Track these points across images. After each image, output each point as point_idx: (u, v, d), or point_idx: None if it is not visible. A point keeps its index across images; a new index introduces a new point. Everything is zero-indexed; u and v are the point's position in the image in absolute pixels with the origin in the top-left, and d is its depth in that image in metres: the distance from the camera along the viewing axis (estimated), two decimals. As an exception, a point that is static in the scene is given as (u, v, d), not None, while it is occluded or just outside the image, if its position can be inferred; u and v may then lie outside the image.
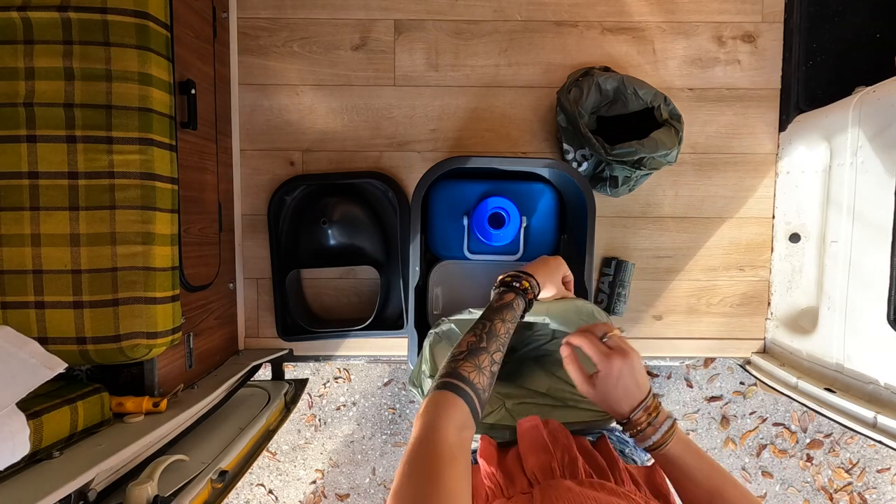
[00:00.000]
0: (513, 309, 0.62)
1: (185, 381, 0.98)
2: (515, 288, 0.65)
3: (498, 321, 0.60)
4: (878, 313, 0.94)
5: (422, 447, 0.47)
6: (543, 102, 1.24)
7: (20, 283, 0.79)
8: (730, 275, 1.28)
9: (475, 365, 0.54)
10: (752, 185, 1.26)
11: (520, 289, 0.65)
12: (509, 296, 0.64)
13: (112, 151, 0.80)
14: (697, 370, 1.88)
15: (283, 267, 1.22)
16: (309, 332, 1.22)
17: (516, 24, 1.23)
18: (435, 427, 0.48)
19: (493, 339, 0.58)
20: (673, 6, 1.23)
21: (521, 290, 0.65)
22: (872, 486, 1.88)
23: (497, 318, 0.60)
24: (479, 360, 0.55)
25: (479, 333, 0.58)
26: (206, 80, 1.06)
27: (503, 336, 0.59)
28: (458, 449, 0.47)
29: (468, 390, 0.52)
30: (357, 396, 1.92)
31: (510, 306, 0.62)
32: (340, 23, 1.22)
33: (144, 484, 0.73)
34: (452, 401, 0.51)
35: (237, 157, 1.23)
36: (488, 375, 0.55)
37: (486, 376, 0.54)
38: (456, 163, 0.98)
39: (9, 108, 0.79)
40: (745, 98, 1.24)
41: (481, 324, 0.59)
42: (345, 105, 1.24)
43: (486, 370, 0.55)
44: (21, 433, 0.65)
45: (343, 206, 1.21)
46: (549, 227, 1.13)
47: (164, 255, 0.85)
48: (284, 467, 1.94)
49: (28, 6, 0.78)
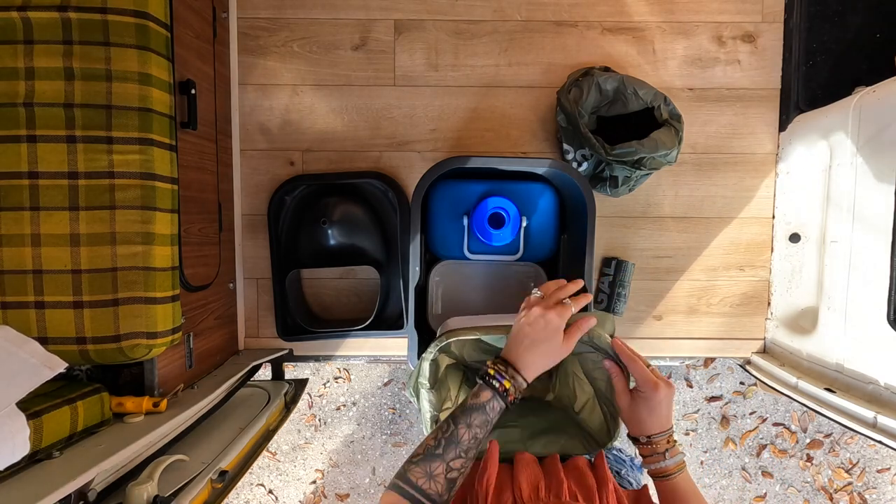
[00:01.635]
0: (485, 412, 0.57)
1: (185, 381, 0.98)
2: (493, 387, 0.58)
3: (462, 426, 0.56)
4: (878, 313, 0.94)
5: None
6: (543, 102, 1.24)
7: (20, 283, 0.79)
8: (730, 275, 1.28)
9: (426, 472, 0.53)
10: (752, 185, 1.26)
11: (498, 390, 0.58)
12: (485, 394, 0.58)
13: (112, 151, 0.81)
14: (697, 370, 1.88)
15: (283, 267, 1.22)
16: (309, 332, 1.22)
17: (516, 24, 1.23)
18: None
19: (451, 447, 0.55)
20: (673, 6, 1.23)
21: (500, 392, 0.58)
22: (872, 486, 1.88)
23: (462, 422, 0.56)
24: (432, 468, 0.54)
25: (439, 438, 0.56)
26: (206, 80, 1.06)
27: (466, 442, 0.55)
28: None
29: (417, 496, 0.52)
30: (357, 396, 1.92)
31: (482, 409, 0.57)
32: (340, 23, 1.22)
33: (144, 484, 0.73)
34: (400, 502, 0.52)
35: (237, 157, 1.23)
36: (443, 482, 0.53)
37: (440, 483, 0.53)
38: (456, 163, 0.98)
39: (9, 108, 0.79)
40: (745, 98, 1.24)
41: (446, 424, 0.57)
42: (345, 105, 1.24)
43: (440, 478, 0.53)
44: (21, 433, 0.65)
45: (343, 206, 1.21)
46: (549, 227, 1.13)
47: (164, 255, 0.85)
48: (284, 467, 1.94)
49: (28, 6, 0.78)
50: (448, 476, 0.54)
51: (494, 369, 0.59)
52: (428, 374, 0.74)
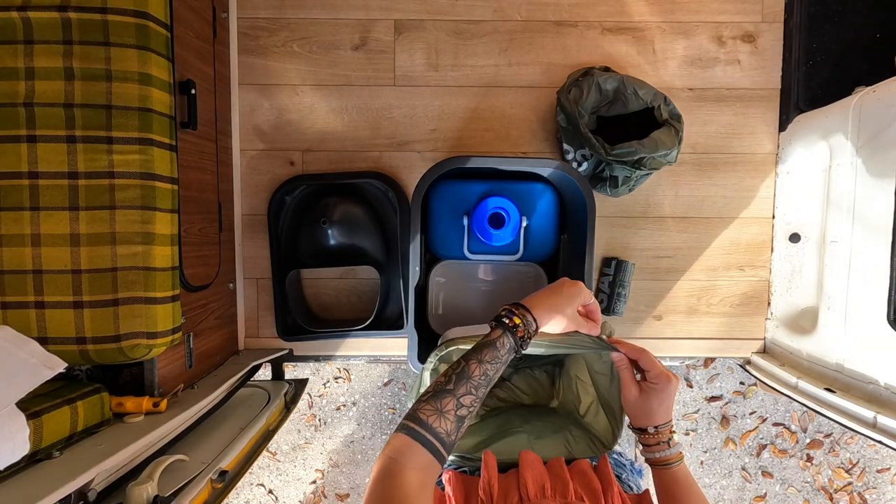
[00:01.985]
0: (495, 348, 0.57)
1: (185, 381, 0.98)
2: (504, 324, 0.59)
3: (474, 361, 0.56)
4: (878, 313, 0.94)
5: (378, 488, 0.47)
6: (543, 102, 1.24)
7: (20, 283, 0.79)
8: (730, 275, 1.28)
9: (436, 409, 0.52)
10: (752, 185, 1.26)
11: (508, 325, 0.58)
12: (496, 332, 0.58)
13: (112, 151, 0.81)
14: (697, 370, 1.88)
15: (283, 267, 1.22)
16: (309, 332, 1.22)
17: (516, 24, 1.23)
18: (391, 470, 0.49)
19: (462, 381, 0.54)
20: (673, 6, 1.23)
21: (510, 327, 0.58)
22: (872, 486, 1.88)
23: (474, 357, 0.56)
24: (442, 404, 0.53)
25: (449, 373, 0.55)
26: (206, 80, 1.06)
27: (477, 378, 0.55)
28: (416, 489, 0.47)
29: (427, 436, 0.51)
30: (357, 396, 1.92)
31: (493, 345, 0.57)
32: (340, 23, 1.22)
33: (144, 484, 0.73)
34: (409, 444, 0.50)
35: (237, 157, 1.23)
36: (452, 419, 0.52)
37: (450, 420, 0.52)
38: (456, 163, 0.98)
39: (9, 108, 0.79)
40: (745, 98, 1.24)
41: (457, 363, 0.57)
42: (345, 105, 1.24)
43: (450, 414, 0.52)
44: (21, 433, 0.65)
45: (343, 206, 1.21)
46: (549, 227, 1.13)
47: (164, 255, 0.85)
48: (284, 467, 1.94)
49: (28, 6, 0.78)
50: (458, 413, 0.53)
51: (507, 308, 0.60)
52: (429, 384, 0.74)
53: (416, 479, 0.48)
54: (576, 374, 0.82)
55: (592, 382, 0.79)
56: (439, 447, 0.51)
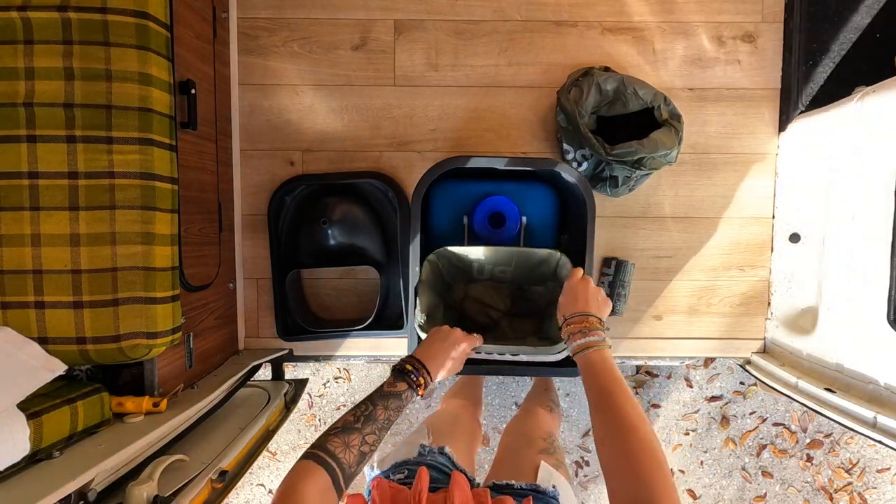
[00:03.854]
0: (401, 399, 0.67)
1: (185, 381, 0.98)
2: (410, 380, 0.70)
3: (381, 408, 0.65)
4: (878, 313, 0.94)
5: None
6: (543, 102, 1.24)
7: (20, 283, 0.79)
8: (730, 275, 1.28)
9: (344, 442, 0.59)
10: (752, 185, 1.26)
11: (413, 383, 0.70)
12: (401, 385, 0.69)
13: (112, 151, 0.80)
14: (697, 370, 1.88)
15: (283, 267, 1.22)
16: (309, 332, 1.22)
17: (516, 24, 1.23)
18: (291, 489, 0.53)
19: (369, 423, 0.62)
20: (673, 6, 1.23)
21: (415, 385, 0.70)
22: (872, 486, 1.88)
23: (381, 404, 0.65)
24: (350, 439, 0.60)
25: (357, 415, 0.63)
26: (206, 80, 1.06)
27: (381, 421, 0.64)
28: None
29: (332, 463, 0.56)
30: (357, 396, 1.92)
31: (399, 397, 0.67)
32: (340, 23, 1.22)
33: (144, 484, 0.74)
34: (313, 469, 0.55)
35: (237, 157, 1.23)
36: (356, 454, 0.59)
37: (354, 454, 0.59)
38: (456, 163, 0.98)
39: (9, 108, 0.79)
40: (745, 98, 1.24)
41: (364, 405, 0.65)
42: (345, 105, 1.24)
43: (355, 449, 0.59)
44: (21, 433, 0.65)
45: (343, 206, 1.21)
46: (549, 227, 1.13)
47: (164, 255, 0.85)
48: (284, 467, 1.94)
49: (28, 6, 0.78)
50: (361, 449, 0.60)
51: (412, 366, 0.71)
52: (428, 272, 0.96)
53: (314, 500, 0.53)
54: None
55: None
56: (340, 476, 0.57)
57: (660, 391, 1.90)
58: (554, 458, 0.90)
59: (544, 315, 1.08)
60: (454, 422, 1.12)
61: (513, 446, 1.00)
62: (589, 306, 0.74)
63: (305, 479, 0.54)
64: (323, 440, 0.59)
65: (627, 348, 1.29)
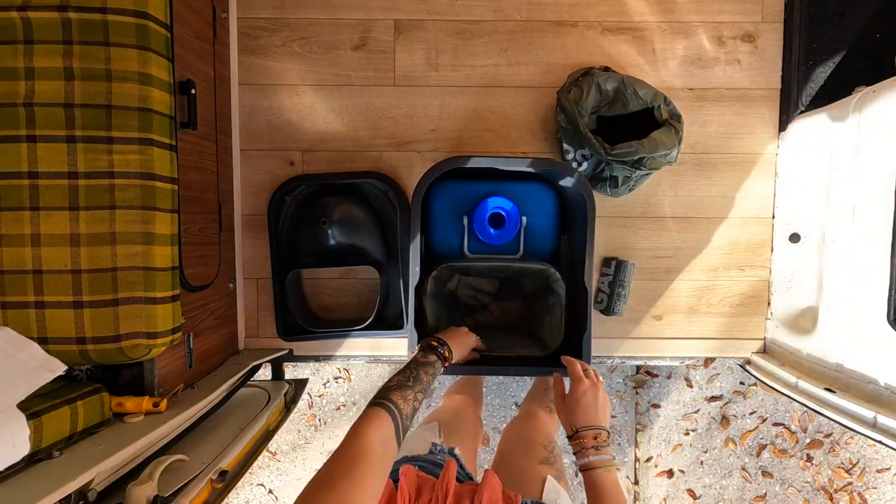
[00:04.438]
0: (434, 368, 0.78)
1: (185, 381, 0.98)
2: (439, 353, 0.81)
3: (423, 373, 0.74)
4: (878, 313, 0.94)
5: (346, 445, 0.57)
6: (543, 102, 1.24)
7: (20, 283, 0.79)
8: (730, 275, 1.28)
9: (402, 396, 0.67)
10: (752, 185, 1.26)
11: (442, 356, 0.81)
12: (432, 357, 0.80)
13: (112, 151, 0.80)
14: (697, 370, 1.88)
15: (283, 267, 1.22)
16: (309, 332, 1.22)
17: (516, 24, 1.23)
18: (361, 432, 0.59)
19: (417, 383, 0.71)
20: (673, 6, 1.23)
21: (443, 357, 0.81)
22: (872, 486, 1.88)
23: (422, 370, 0.74)
24: (406, 394, 0.67)
25: (407, 375, 0.71)
26: (206, 80, 1.06)
27: (425, 383, 0.73)
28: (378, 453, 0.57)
29: (395, 409, 0.64)
30: (357, 396, 1.92)
31: (433, 365, 0.78)
32: (340, 23, 1.22)
33: (144, 484, 0.73)
34: (380, 415, 0.62)
35: (237, 157, 1.23)
36: (411, 407, 0.67)
37: (410, 407, 0.67)
38: (456, 163, 0.98)
39: (9, 108, 0.79)
40: (745, 98, 1.24)
41: (409, 370, 0.73)
42: (345, 105, 1.24)
43: (410, 402, 0.67)
44: (21, 433, 0.65)
45: (343, 206, 1.21)
46: (549, 227, 1.13)
47: (164, 255, 0.85)
48: (284, 467, 1.94)
49: (28, 6, 0.78)
50: (413, 405, 0.68)
51: (437, 342, 0.83)
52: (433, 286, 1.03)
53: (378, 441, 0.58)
54: None
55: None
56: (401, 424, 0.63)
57: (660, 391, 1.90)
58: (555, 468, 0.93)
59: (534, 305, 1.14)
60: (460, 420, 1.14)
61: (514, 453, 1.02)
62: (599, 418, 0.74)
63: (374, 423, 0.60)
64: (385, 392, 0.66)
65: (627, 348, 1.29)
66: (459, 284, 1.17)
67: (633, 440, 1.91)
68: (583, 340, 0.97)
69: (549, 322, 1.05)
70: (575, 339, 1.00)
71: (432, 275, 1.02)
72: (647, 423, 1.91)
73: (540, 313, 1.10)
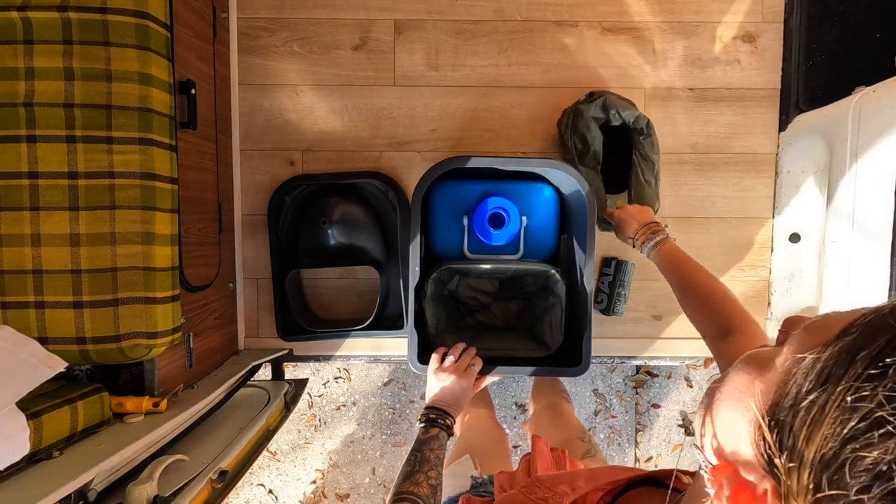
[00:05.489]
0: (439, 440, 0.78)
1: (185, 381, 0.98)
2: (440, 424, 0.80)
3: (427, 451, 0.75)
4: (878, 313, 0.94)
5: None
6: (543, 102, 1.24)
7: (20, 283, 0.79)
8: (730, 275, 1.28)
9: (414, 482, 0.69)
10: (752, 185, 1.26)
11: (444, 426, 0.80)
12: (433, 431, 0.79)
13: (112, 151, 0.81)
14: (697, 370, 1.88)
15: (283, 267, 1.22)
16: (309, 332, 1.22)
17: (516, 24, 1.23)
18: None
19: (424, 464, 0.72)
20: (673, 6, 1.23)
21: (445, 427, 0.80)
22: (872, 486, 1.87)
23: (426, 449, 0.75)
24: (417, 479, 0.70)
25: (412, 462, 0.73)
26: (206, 80, 1.06)
27: (433, 460, 0.74)
28: None
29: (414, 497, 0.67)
30: (357, 396, 1.92)
31: (437, 439, 0.78)
32: (340, 23, 1.22)
33: (144, 484, 0.74)
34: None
35: (237, 157, 1.23)
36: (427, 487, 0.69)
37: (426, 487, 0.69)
38: (456, 163, 0.98)
39: (9, 108, 0.79)
40: (745, 98, 1.24)
41: (413, 455, 0.75)
42: (345, 105, 1.24)
43: (424, 484, 0.69)
44: (21, 433, 0.65)
45: (343, 206, 1.21)
46: (549, 227, 1.13)
47: (165, 255, 0.85)
48: (284, 467, 1.94)
49: (28, 6, 0.78)
50: (429, 482, 0.69)
51: (436, 414, 0.82)
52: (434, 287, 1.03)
53: None
54: None
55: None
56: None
57: (660, 391, 1.90)
58: (597, 459, 0.96)
59: (534, 306, 1.14)
60: (484, 437, 1.14)
61: None
62: (647, 218, 0.94)
63: None
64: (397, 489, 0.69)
65: (627, 348, 1.29)
66: (459, 285, 1.18)
67: (634, 440, 1.91)
68: (583, 340, 0.97)
69: (550, 322, 1.05)
70: (575, 339, 1.00)
71: (432, 277, 1.01)
72: (647, 423, 1.91)
73: (540, 314, 1.10)
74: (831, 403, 0.25)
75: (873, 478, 0.22)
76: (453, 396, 0.85)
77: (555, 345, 1.03)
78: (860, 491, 0.23)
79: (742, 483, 0.30)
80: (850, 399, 0.24)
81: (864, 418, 0.23)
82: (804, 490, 0.25)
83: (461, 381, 0.86)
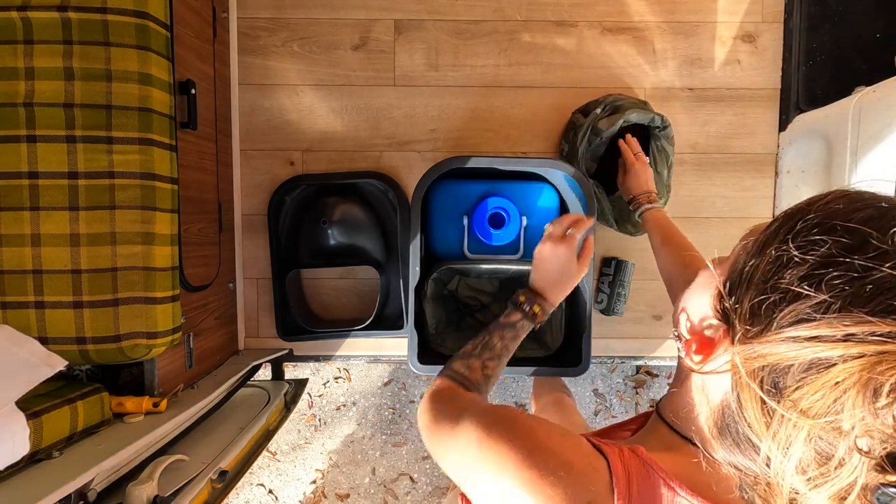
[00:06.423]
0: (515, 330, 0.68)
1: (185, 381, 0.98)
2: (525, 311, 0.69)
3: (497, 337, 0.67)
4: (878, 313, 0.94)
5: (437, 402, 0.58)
6: (543, 102, 1.24)
7: (20, 283, 0.79)
8: (730, 275, 1.28)
9: (465, 365, 0.65)
10: (752, 185, 1.26)
11: (528, 313, 0.69)
12: (516, 316, 0.69)
13: (112, 151, 0.81)
14: (697, 370, 1.87)
15: (283, 267, 1.22)
16: (309, 332, 1.22)
17: (516, 24, 1.23)
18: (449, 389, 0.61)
19: (486, 350, 0.66)
20: (673, 6, 1.23)
21: (530, 315, 0.69)
22: (872, 486, 1.87)
23: (497, 334, 0.68)
24: (470, 363, 0.65)
25: (476, 344, 0.67)
26: (206, 80, 1.06)
27: (498, 350, 0.67)
28: None
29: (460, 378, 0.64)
30: (357, 396, 1.92)
31: (514, 327, 0.68)
32: (340, 23, 1.22)
33: (144, 484, 0.74)
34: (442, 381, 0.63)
35: (237, 157, 1.23)
36: (480, 375, 0.64)
37: (478, 374, 0.64)
38: (456, 163, 0.98)
39: (9, 108, 0.79)
40: (745, 98, 1.24)
41: (482, 335, 0.68)
42: (345, 105, 1.24)
43: (477, 371, 0.64)
44: (21, 433, 0.65)
45: (343, 206, 1.21)
46: (549, 227, 1.13)
47: (165, 255, 0.85)
48: (284, 467, 1.94)
49: (28, 6, 0.78)
50: (484, 372, 0.64)
51: (525, 296, 0.70)
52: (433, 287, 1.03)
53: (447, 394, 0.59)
54: None
55: None
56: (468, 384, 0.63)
57: (660, 391, 1.90)
58: None
59: None
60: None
61: None
62: (650, 185, 0.97)
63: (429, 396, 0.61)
64: (448, 364, 0.65)
65: (627, 348, 1.29)
66: (459, 285, 1.18)
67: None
68: (583, 340, 0.97)
69: (550, 322, 1.05)
70: (575, 339, 1.00)
71: (432, 277, 1.01)
72: (647, 423, 1.90)
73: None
74: (765, 257, 0.37)
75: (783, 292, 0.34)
76: (551, 272, 0.70)
77: (555, 345, 1.03)
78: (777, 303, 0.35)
79: (705, 339, 0.42)
80: (774, 252, 0.36)
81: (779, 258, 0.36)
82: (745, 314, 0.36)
83: (557, 249, 0.70)
